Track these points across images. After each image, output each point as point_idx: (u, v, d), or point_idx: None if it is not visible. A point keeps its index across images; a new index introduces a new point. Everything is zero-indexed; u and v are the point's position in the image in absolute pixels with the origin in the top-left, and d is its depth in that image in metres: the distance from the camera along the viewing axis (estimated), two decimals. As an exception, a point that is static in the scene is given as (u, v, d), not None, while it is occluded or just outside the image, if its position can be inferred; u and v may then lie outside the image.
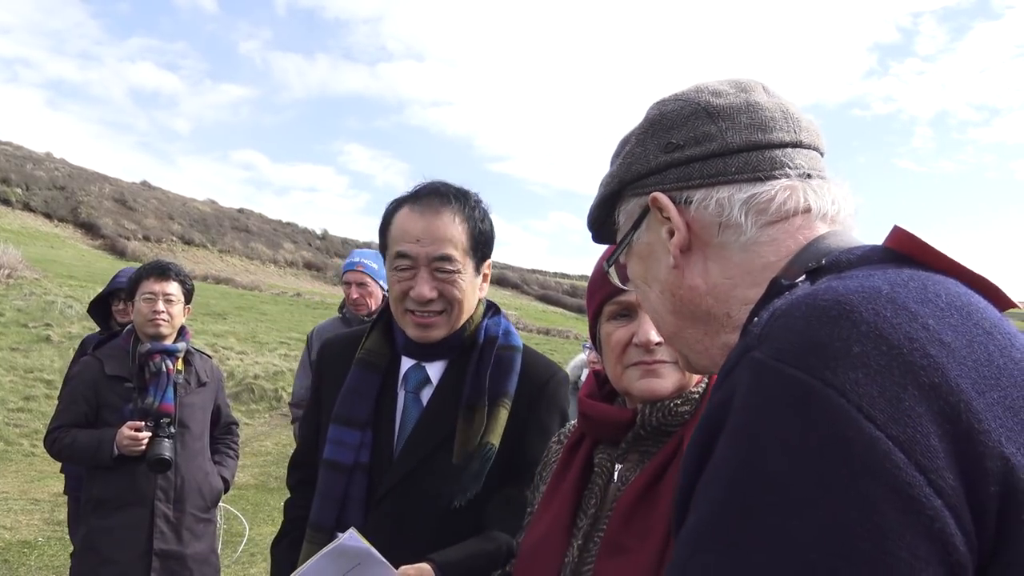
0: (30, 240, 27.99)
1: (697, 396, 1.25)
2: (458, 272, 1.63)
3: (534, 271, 65.50)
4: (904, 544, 0.52)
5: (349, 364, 1.73)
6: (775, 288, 0.73)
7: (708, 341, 0.84)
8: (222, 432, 3.56)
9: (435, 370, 1.70)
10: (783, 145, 0.82)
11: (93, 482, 3.14)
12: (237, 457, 3.59)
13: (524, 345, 1.75)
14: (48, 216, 36.39)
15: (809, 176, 0.81)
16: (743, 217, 0.79)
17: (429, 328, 1.65)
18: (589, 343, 3.92)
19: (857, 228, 0.84)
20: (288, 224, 52.96)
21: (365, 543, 1.41)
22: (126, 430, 2.98)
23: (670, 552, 1.09)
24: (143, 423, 3.01)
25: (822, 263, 0.73)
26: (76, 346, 8.88)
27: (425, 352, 1.70)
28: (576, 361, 4.16)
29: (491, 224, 1.71)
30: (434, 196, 1.65)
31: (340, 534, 1.56)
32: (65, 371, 5.42)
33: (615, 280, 0.99)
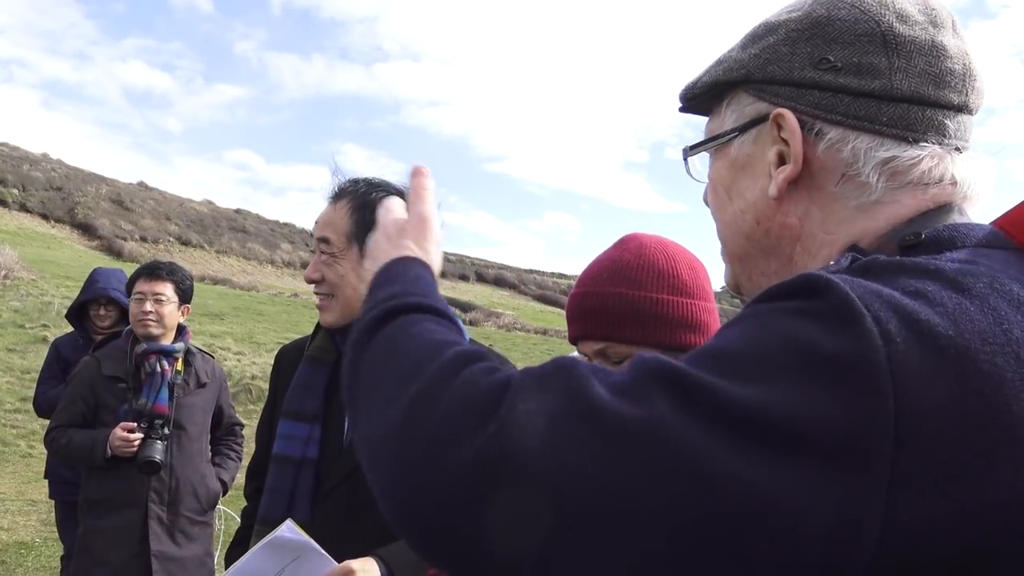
0: (27, 241, 27.95)
1: None
2: (335, 255, 1.69)
3: (531, 271, 65.49)
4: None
5: (298, 366, 1.78)
6: (850, 254, 0.65)
7: (769, 279, 0.75)
8: (224, 433, 3.53)
9: None
10: (950, 107, 0.69)
11: (88, 483, 3.13)
12: (239, 459, 3.54)
13: (471, 339, 1.75)
14: (45, 217, 36.32)
15: (958, 150, 0.70)
16: (874, 177, 0.68)
17: (322, 311, 1.73)
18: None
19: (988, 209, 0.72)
20: (285, 224, 52.91)
21: (303, 535, 1.40)
22: (118, 431, 2.97)
23: None
24: (136, 424, 2.99)
25: (922, 238, 0.64)
26: (73, 347, 8.87)
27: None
28: None
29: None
30: (340, 189, 1.76)
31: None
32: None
33: (689, 172, 0.84)
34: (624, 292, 1.17)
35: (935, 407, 0.48)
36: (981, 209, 0.72)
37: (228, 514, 4.50)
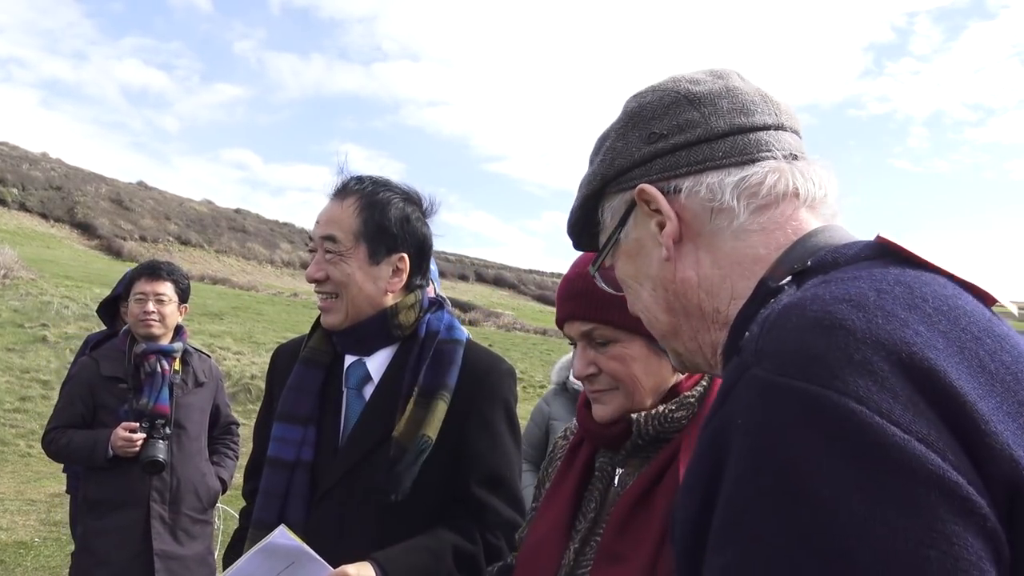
0: (26, 240, 27.94)
1: (694, 400, 1.23)
2: (341, 254, 1.63)
3: (531, 271, 65.48)
4: (968, 547, 0.50)
5: (293, 367, 1.75)
6: (763, 290, 0.72)
7: (700, 339, 0.82)
8: (221, 432, 3.52)
9: (376, 366, 1.69)
10: (766, 128, 0.81)
11: (89, 483, 3.13)
12: (237, 458, 3.54)
13: (469, 339, 1.75)
14: (44, 216, 36.31)
15: (795, 157, 0.80)
16: (735, 201, 0.77)
17: (325, 312, 1.68)
18: None
19: (842, 213, 0.82)
20: (285, 224, 52.90)
21: (297, 540, 1.39)
22: (120, 431, 2.97)
23: (663, 561, 1.09)
24: (138, 424, 2.99)
25: (807, 264, 0.71)
26: (72, 346, 8.87)
27: (356, 345, 1.69)
28: (562, 361, 4.04)
29: (400, 218, 1.67)
30: (344, 185, 1.70)
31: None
32: (61, 371, 5.38)
33: (602, 285, 0.95)
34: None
35: None
36: (833, 205, 0.81)
37: (228, 512, 4.50)
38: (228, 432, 3.56)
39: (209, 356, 3.55)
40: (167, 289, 3.17)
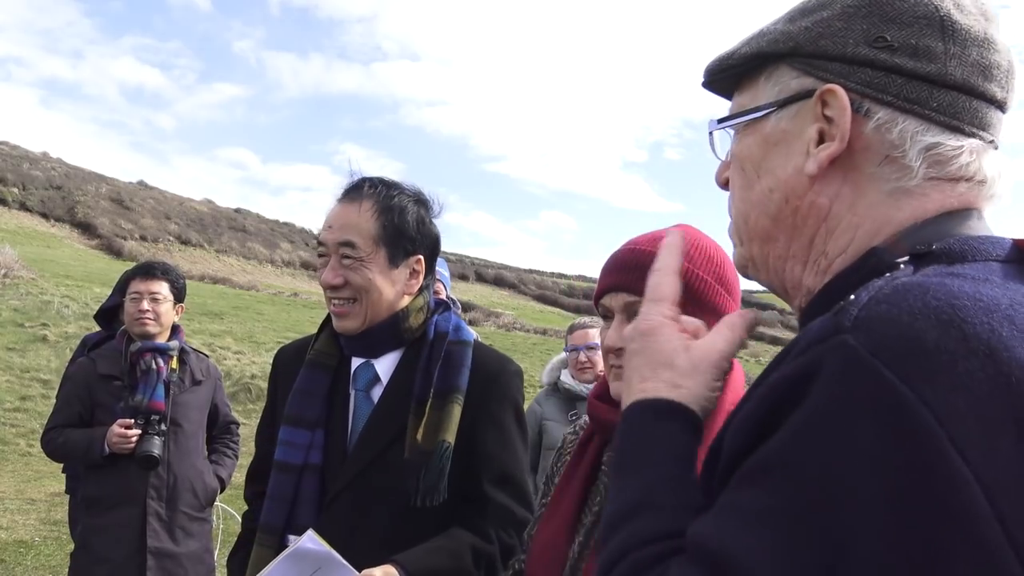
0: (26, 240, 27.95)
1: None
2: (361, 260, 1.62)
3: (531, 271, 65.52)
4: None
5: (298, 369, 1.73)
6: (872, 261, 0.65)
7: (790, 266, 0.74)
8: (220, 431, 3.53)
9: (385, 368, 1.70)
10: (993, 101, 0.69)
11: (87, 481, 3.15)
12: (236, 457, 3.56)
13: (476, 340, 1.76)
14: (44, 216, 36.32)
15: (994, 144, 0.70)
16: (917, 162, 0.67)
17: (342, 317, 1.65)
18: (571, 344, 3.86)
19: (1004, 206, 0.73)
20: (285, 224, 52.92)
21: (325, 545, 1.39)
22: (116, 428, 2.99)
23: None
24: (133, 421, 3.02)
25: (932, 248, 0.64)
26: (72, 345, 8.86)
27: (366, 348, 1.69)
28: (553, 362, 4.03)
29: (417, 220, 1.68)
30: (355, 188, 1.68)
31: (292, 537, 1.56)
32: (61, 370, 5.40)
33: (713, 148, 0.83)
34: None
35: None
36: (996, 207, 0.72)
37: (227, 511, 4.50)
38: (227, 431, 3.56)
39: (207, 356, 3.56)
40: (162, 288, 3.21)
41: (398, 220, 1.66)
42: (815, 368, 0.55)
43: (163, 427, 3.06)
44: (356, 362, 1.71)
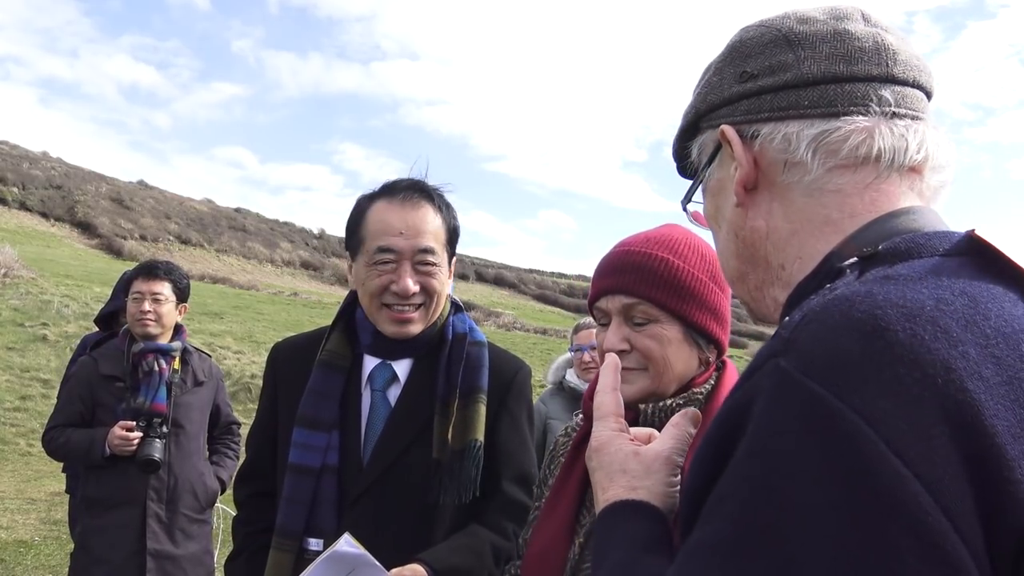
0: (26, 239, 27.96)
1: (701, 396, 1.24)
2: (438, 266, 1.63)
3: (531, 271, 65.58)
4: None
5: (305, 368, 1.70)
6: (826, 267, 0.69)
7: (765, 291, 0.80)
8: (222, 432, 3.50)
9: (401, 368, 1.69)
10: (869, 79, 0.73)
11: (87, 481, 3.14)
12: (237, 458, 3.47)
13: (488, 341, 1.77)
14: (44, 215, 36.35)
15: (896, 115, 0.73)
16: (809, 155, 0.72)
17: (407, 323, 1.63)
18: (576, 344, 3.87)
19: (946, 190, 0.76)
20: (285, 224, 52.98)
21: (360, 548, 1.40)
22: (117, 430, 2.97)
23: None
24: (135, 423, 3.00)
25: (878, 249, 0.66)
26: (72, 345, 8.87)
27: (394, 350, 1.68)
28: (559, 361, 4.04)
29: (459, 221, 1.74)
30: (412, 190, 1.65)
31: (312, 540, 1.58)
32: (61, 370, 5.41)
33: (689, 219, 0.91)
34: (670, 259, 1.22)
35: None
36: (939, 177, 0.75)
37: (227, 512, 4.49)
38: (228, 432, 3.53)
39: (209, 356, 3.53)
40: (164, 288, 3.17)
41: (453, 221, 1.69)
42: (754, 394, 0.58)
43: (164, 429, 3.05)
44: (370, 362, 1.70)
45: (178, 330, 3.28)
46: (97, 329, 4.23)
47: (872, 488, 0.50)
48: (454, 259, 1.74)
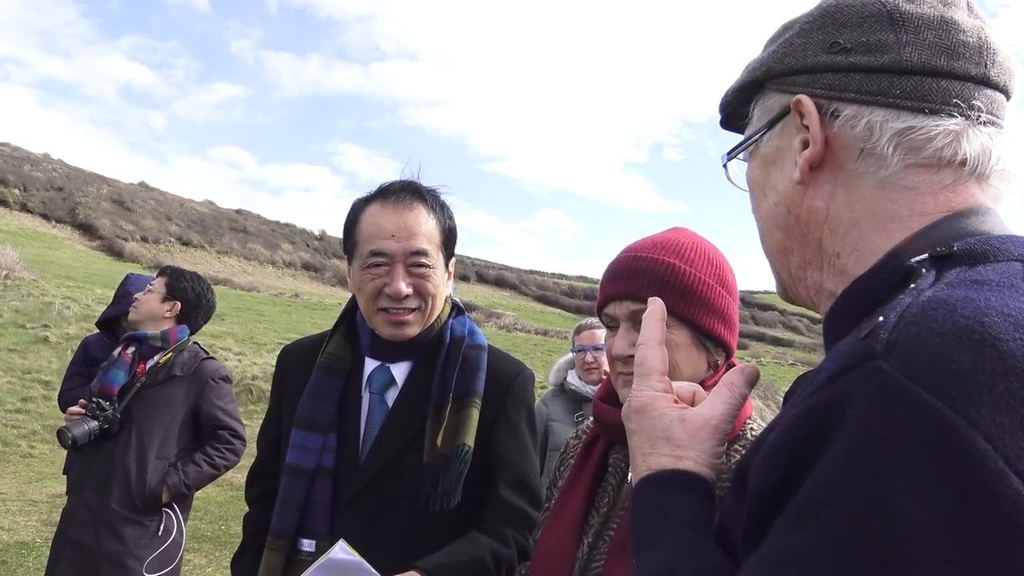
0: (27, 241, 27.98)
1: None
2: (432, 267, 1.62)
3: (532, 272, 65.56)
4: None
5: (308, 370, 1.71)
6: (894, 264, 0.65)
7: (808, 272, 0.76)
8: (209, 437, 3.23)
9: (400, 371, 1.68)
10: (967, 78, 0.69)
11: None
12: (216, 468, 3.17)
13: (488, 344, 1.75)
14: (46, 217, 36.36)
15: (984, 122, 0.69)
16: (890, 149, 0.68)
17: (403, 326, 1.63)
18: (578, 345, 3.85)
19: (1012, 195, 0.72)
20: (286, 225, 52.99)
21: (356, 555, 1.39)
22: (71, 407, 3.10)
23: None
24: (86, 402, 3.07)
25: (952, 249, 0.63)
26: (73, 347, 8.86)
27: (392, 353, 1.68)
28: (560, 363, 4.02)
29: (455, 222, 1.72)
30: (405, 192, 1.64)
31: (305, 541, 1.57)
32: (63, 372, 5.41)
33: (728, 178, 0.86)
34: (677, 264, 1.23)
35: None
36: (1008, 186, 0.72)
37: (179, 521, 3.33)
38: (215, 437, 3.22)
39: (211, 357, 3.44)
40: (157, 282, 3.33)
41: (449, 222, 1.67)
42: (847, 396, 0.54)
43: (108, 413, 3.00)
44: (370, 365, 1.70)
45: (178, 329, 3.30)
46: (98, 331, 4.28)
47: (992, 509, 0.47)
48: (453, 260, 1.72)
